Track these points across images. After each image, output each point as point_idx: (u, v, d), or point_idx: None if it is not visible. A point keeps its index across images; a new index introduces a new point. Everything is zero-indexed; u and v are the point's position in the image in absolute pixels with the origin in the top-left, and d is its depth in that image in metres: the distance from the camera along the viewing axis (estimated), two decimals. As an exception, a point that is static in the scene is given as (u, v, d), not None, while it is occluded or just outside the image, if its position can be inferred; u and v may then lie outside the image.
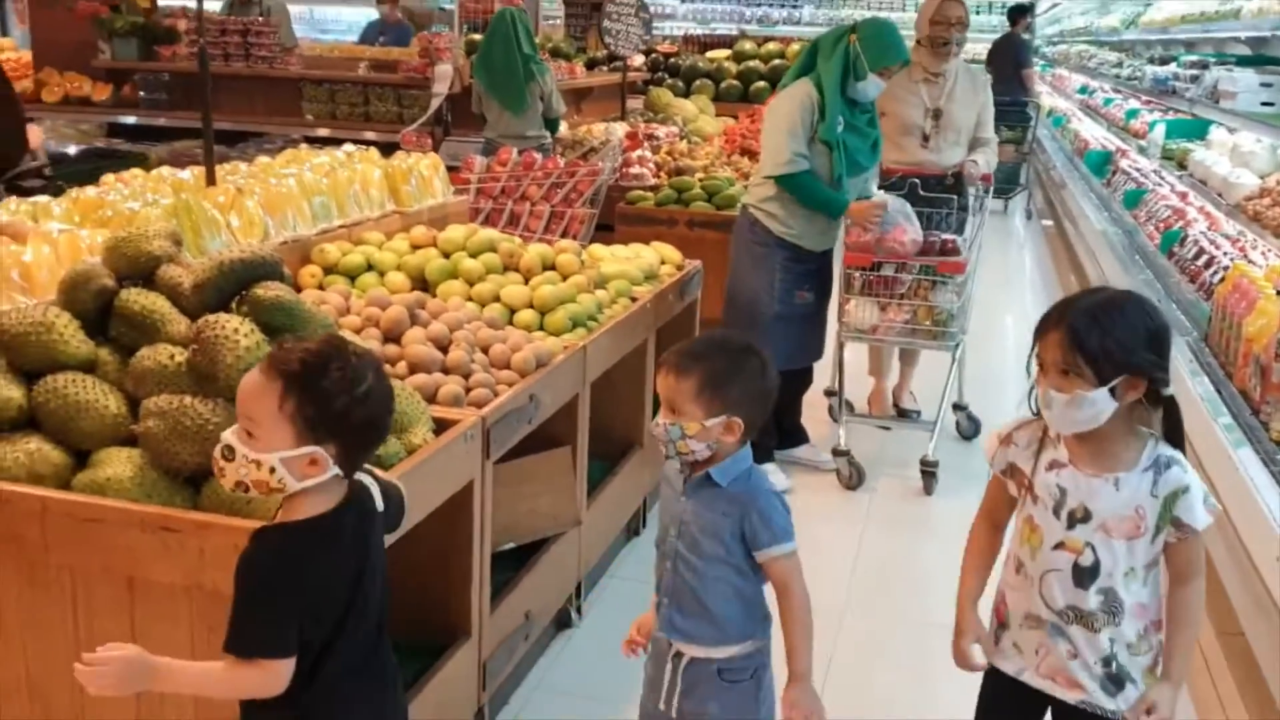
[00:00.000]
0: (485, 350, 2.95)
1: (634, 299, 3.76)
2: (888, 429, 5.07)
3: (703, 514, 2.13)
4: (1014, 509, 2.15)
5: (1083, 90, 12.72)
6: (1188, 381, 3.79)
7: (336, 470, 1.70)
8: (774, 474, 4.43)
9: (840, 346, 4.64)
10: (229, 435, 1.70)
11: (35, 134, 5.20)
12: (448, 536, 2.66)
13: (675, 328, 4.13)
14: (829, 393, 5.04)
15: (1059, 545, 2.02)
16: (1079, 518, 2.00)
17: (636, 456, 3.82)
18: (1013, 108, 11.24)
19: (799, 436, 4.72)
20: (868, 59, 4.12)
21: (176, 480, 2.12)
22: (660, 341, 3.95)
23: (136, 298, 2.32)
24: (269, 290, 2.30)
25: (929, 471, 4.47)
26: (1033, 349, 2.01)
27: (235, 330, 2.15)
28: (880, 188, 4.53)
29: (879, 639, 3.45)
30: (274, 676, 1.71)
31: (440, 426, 2.56)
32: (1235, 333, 3.69)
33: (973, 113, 4.82)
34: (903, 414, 5.15)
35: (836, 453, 4.53)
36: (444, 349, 2.89)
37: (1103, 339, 1.90)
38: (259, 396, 1.66)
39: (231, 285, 2.32)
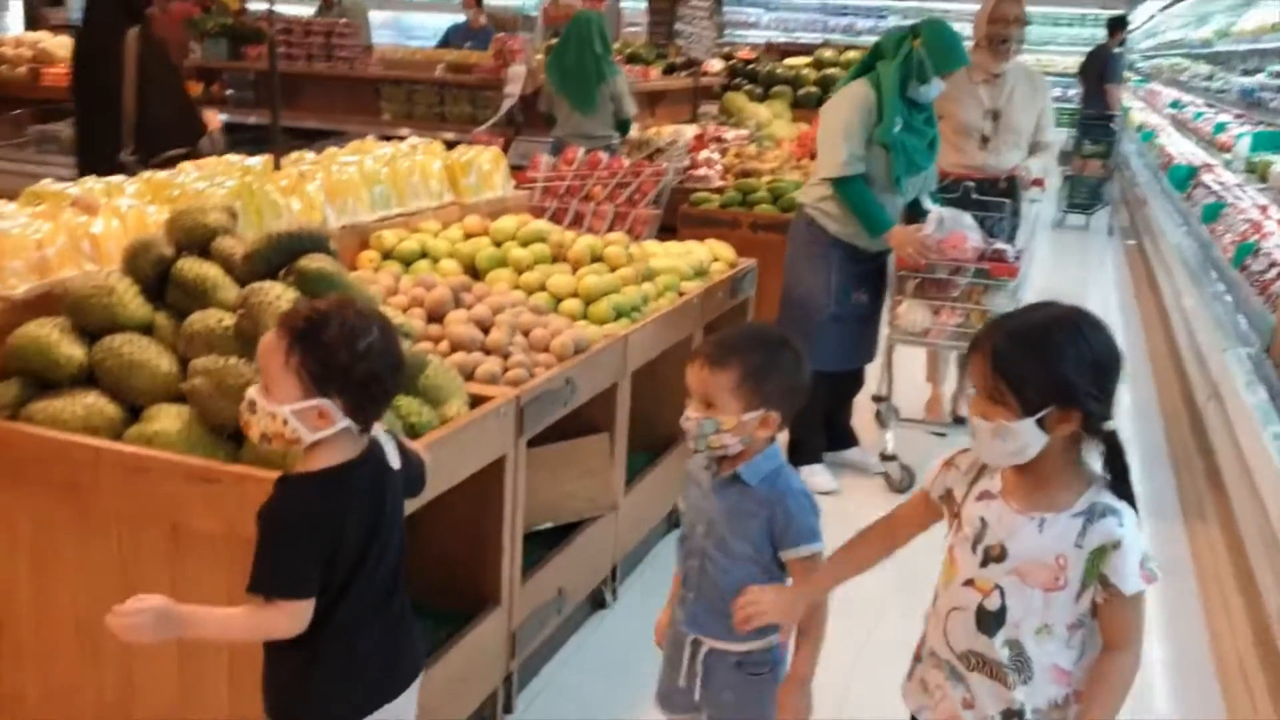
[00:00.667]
0: (526, 334, 3.05)
1: (682, 294, 3.84)
2: (943, 435, 5.07)
3: (732, 513, 2.11)
4: (919, 531, 2.00)
5: (1174, 105, 12.47)
6: (1242, 394, 3.75)
7: (347, 423, 1.80)
8: (822, 475, 4.46)
9: (889, 350, 4.63)
10: (252, 391, 1.83)
11: (212, 119, 5.51)
12: (480, 509, 2.77)
13: (725, 325, 4.19)
14: (877, 399, 5.02)
15: (969, 582, 1.84)
16: (994, 556, 1.81)
17: (680, 449, 3.89)
18: (1098, 122, 11.10)
19: (849, 439, 4.74)
20: (932, 62, 4.13)
21: (220, 436, 2.25)
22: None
23: (192, 266, 2.47)
24: (313, 262, 2.43)
25: None
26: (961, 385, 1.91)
27: (279, 297, 2.28)
28: (934, 192, 4.54)
29: (911, 640, 3.47)
30: (294, 617, 1.82)
31: (477, 403, 2.66)
32: (1292, 343, 3.65)
33: (1032, 115, 4.78)
34: (960, 421, 5.08)
35: (884, 457, 4.53)
36: (486, 331, 2.99)
37: (1024, 364, 1.72)
38: (271, 353, 1.79)
39: (280, 256, 2.45)
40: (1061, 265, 9.69)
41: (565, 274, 3.50)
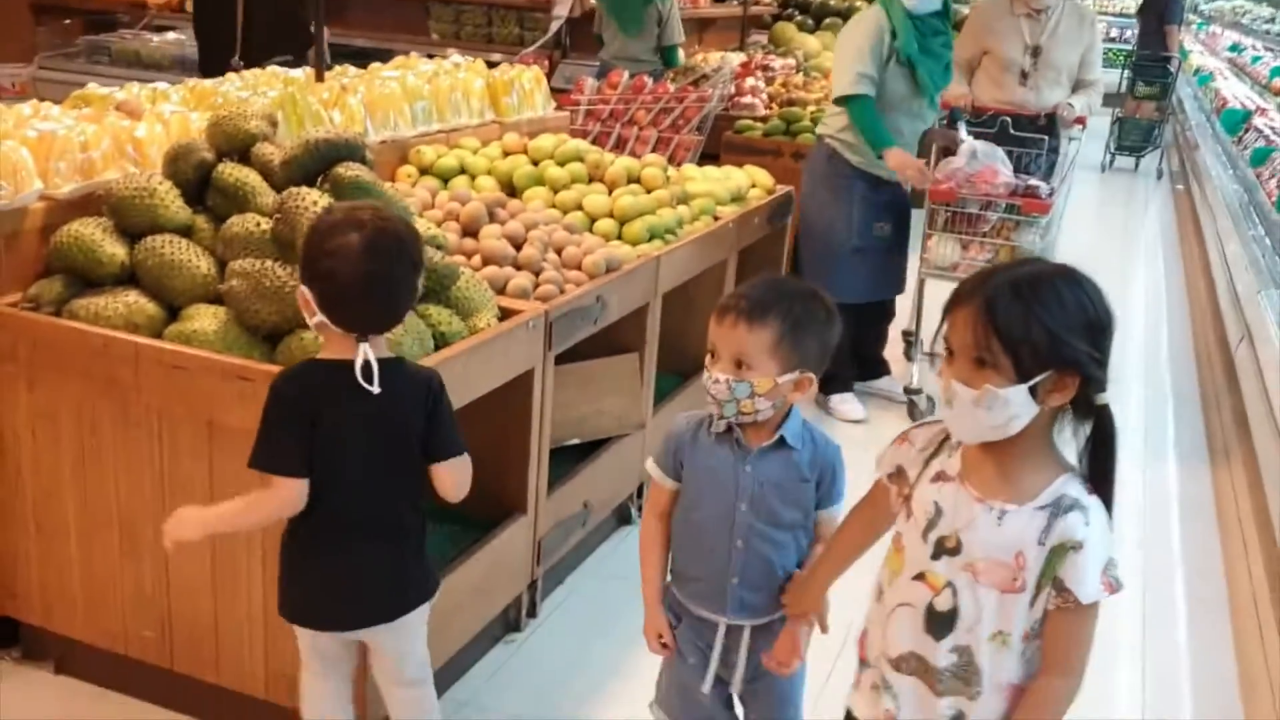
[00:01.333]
0: (558, 251, 3.08)
1: (718, 218, 3.85)
2: None
3: (783, 483, 1.91)
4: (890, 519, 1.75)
5: (1233, 48, 12.20)
6: (1274, 337, 3.72)
7: (321, 317, 1.89)
8: (852, 404, 4.49)
9: (920, 284, 4.63)
10: None
11: None
12: (508, 421, 2.82)
13: (760, 251, 4.20)
14: (906, 334, 5.02)
15: (919, 576, 1.60)
16: (948, 548, 1.57)
17: (710, 372, 3.92)
18: (1153, 64, 10.87)
19: (879, 369, 4.76)
20: None
21: (255, 336, 2.31)
22: (743, 264, 4.03)
23: (232, 171, 2.51)
24: (349, 170, 2.47)
25: None
26: (939, 329, 1.59)
27: (314, 203, 2.32)
28: (971, 125, 4.51)
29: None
30: (287, 494, 1.92)
31: (506, 317, 2.71)
32: (1326, 286, 3.62)
33: (1076, 51, 4.68)
34: None
35: (908, 390, 4.55)
36: (518, 247, 3.03)
37: (1024, 318, 1.47)
38: None
39: (316, 164, 2.49)
40: (1107, 208, 9.56)
41: (601, 194, 3.52)
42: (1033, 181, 4.33)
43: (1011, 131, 4.46)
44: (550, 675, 2.79)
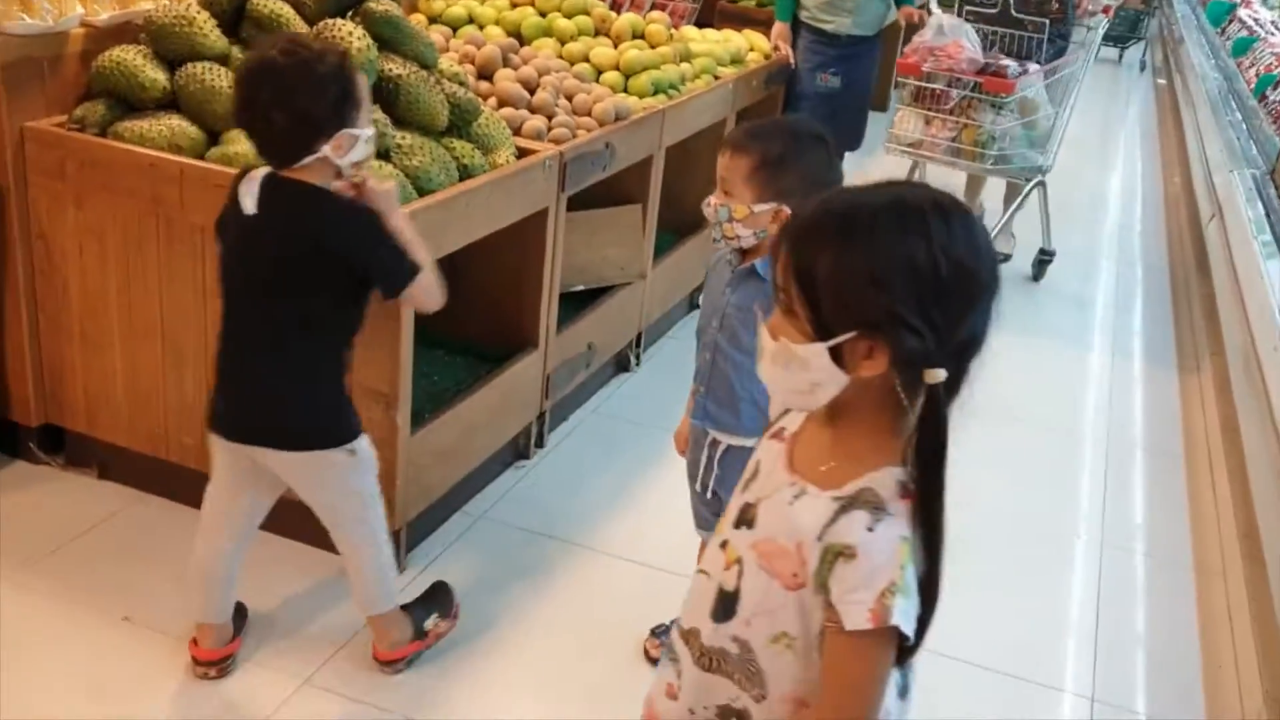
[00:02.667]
0: (569, 98, 3.21)
1: (717, 78, 3.97)
2: None
3: (745, 307, 2.04)
4: None
5: (1223, -58, 12.17)
6: (1242, 209, 3.92)
7: None
8: None
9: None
10: None
11: None
12: (523, 258, 2.99)
13: (756, 113, 4.33)
14: None
15: (723, 544, 1.32)
16: (748, 517, 1.30)
17: (705, 231, 4.09)
18: (1141, -47, 10.89)
19: None
20: None
21: (293, 160, 2.45)
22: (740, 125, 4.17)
23: (266, 2, 2.62)
24: (380, 5, 2.58)
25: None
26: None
27: (350, 34, 2.44)
28: (973, 2, 4.53)
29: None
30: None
31: (523, 156, 2.85)
32: (1296, 162, 3.81)
33: None
34: None
35: None
36: (531, 92, 3.16)
37: (826, 260, 1.15)
38: None
39: (347, -1, 2.60)
40: (1087, 97, 9.65)
41: (607, 47, 3.63)
42: (1004, 61, 4.27)
43: (1014, 13, 4.40)
44: (555, 498, 3.01)
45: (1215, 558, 2.98)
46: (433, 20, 3.66)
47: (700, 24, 5.53)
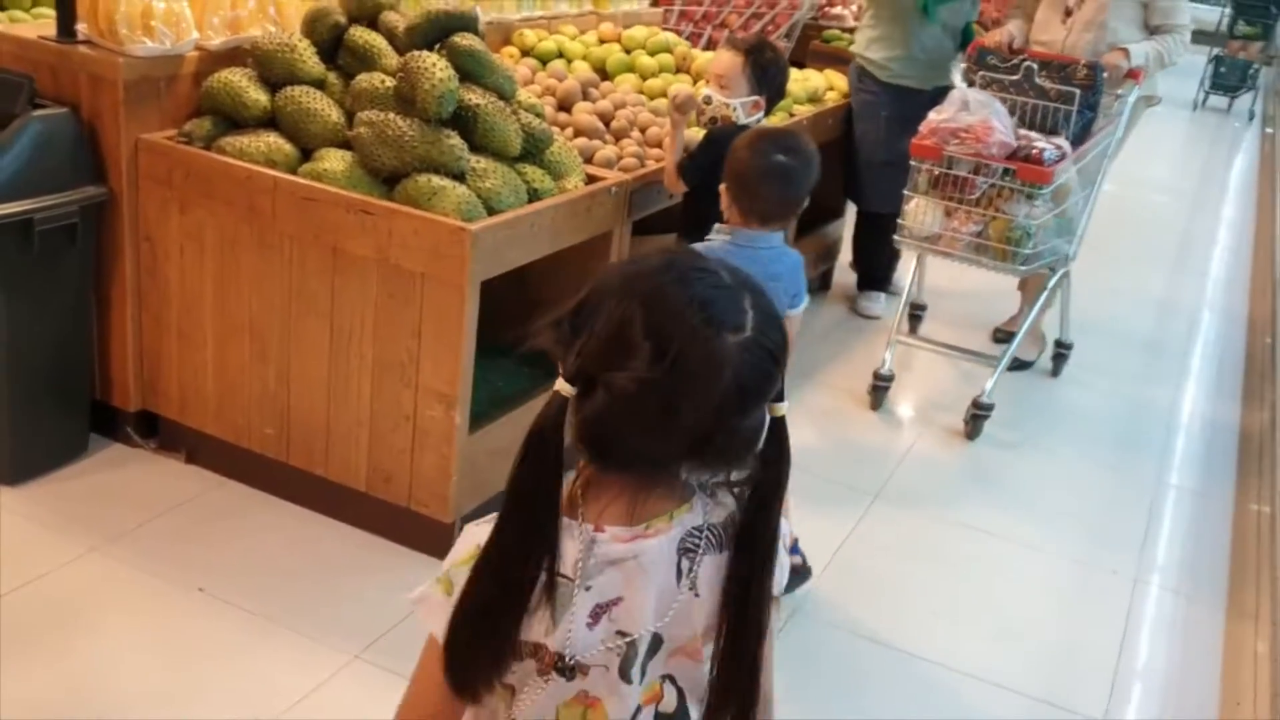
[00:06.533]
0: (643, 130, 3.39)
1: (793, 115, 4.11)
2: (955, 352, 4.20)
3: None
4: None
5: (1344, -7, 11.90)
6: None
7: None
8: (875, 301, 4.77)
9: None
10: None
11: None
12: (588, 276, 3.15)
13: (826, 152, 4.44)
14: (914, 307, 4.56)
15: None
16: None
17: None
18: (1255, 3, 10.72)
19: (881, 283, 4.83)
20: None
21: (376, 178, 2.67)
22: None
23: (361, 34, 2.85)
24: (464, 40, 2.79)
25: (979, 416, 3.79)
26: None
27: (433, 65, 2.65)
28: (991, 68, 3.91)
29: (901, 535, 3.82)
30: None
31: (593, 183, 3.03)
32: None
33: None
34: (1001, 339, 4.50)
35: (877, 377, 3.93)
36: (607, 124, 3.34)
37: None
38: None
39: (436, 32, 2.81)
40: (1192, 145, 9.56)
41: (687, 83, 3.81)
42: (1039, 143, 3.59)
43: (1037, 80, 3.77)
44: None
45: (1251, 600, 3.01)
46: (525, 53, 3.88)
47: (794, 62, 5.70)
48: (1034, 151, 3.56)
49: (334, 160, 2.68)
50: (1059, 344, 4.41)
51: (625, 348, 1.10)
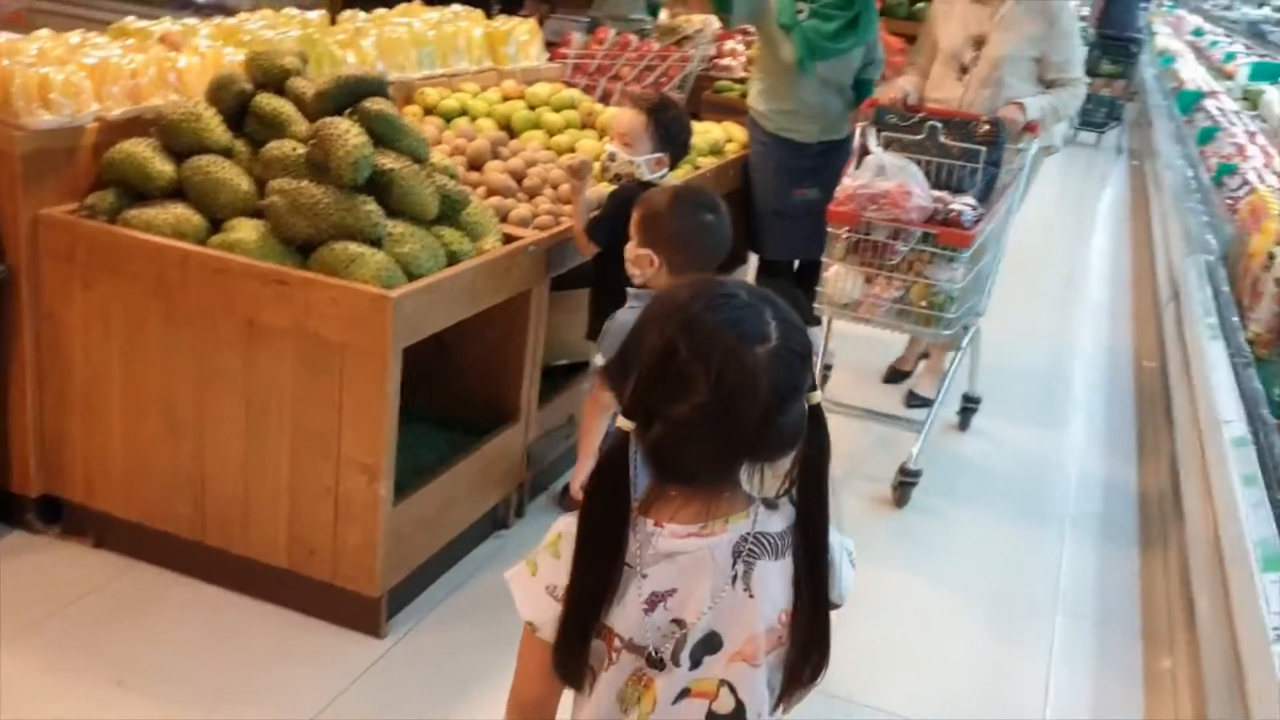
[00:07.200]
0: (555, 187, 3.39)
1: (698, 168, 4.16)
2: (879, 415, 4.09)
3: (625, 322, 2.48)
4: None
5: (1196, 33, 12.59)
6: (1195, 292, 4.11)
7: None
8: None
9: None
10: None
11: None
12: (507, 336, 3.14)
13: (731, 201, 4.52)
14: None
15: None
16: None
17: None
18: (1119, 43, 11.25)
19: (808, 322, 4.83)
20: None
21: (290, 247, 2.62)
22: (718, 211, 4.35)
23: (269, 100, 2.81)
24: (376, 104, 2.76)
25: (906, 483, 3.69)
26: None
27: (347, 131, 2.62)
28: (892, 127, 3.84)
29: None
30: None
31: (509, 242, 3.02)
32: (1243, 250, 3.99)
33: (1030, 46, 3.93)
34: (894, 378, 4.63)
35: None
36: (519, 181, 3.34)
37: None
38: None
39: (345, 97, 2.78)
40: (1065, 180, 9.96)
41: (593, 139, 3.83)
42: (955, 205, 3.53)
43: (941, 139, 3.72)
44: (535, 567, 3.12)
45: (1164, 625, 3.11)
46: (428, 111, 3.86)
47: (689, 114, 5.78)
48: (952, 214, 3.51)
49: (246, 230, 2.63)
50: (967, 398, 4.35)
51: (673, 377, 1.26)
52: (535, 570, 1.38)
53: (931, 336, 3.75)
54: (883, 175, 3.51)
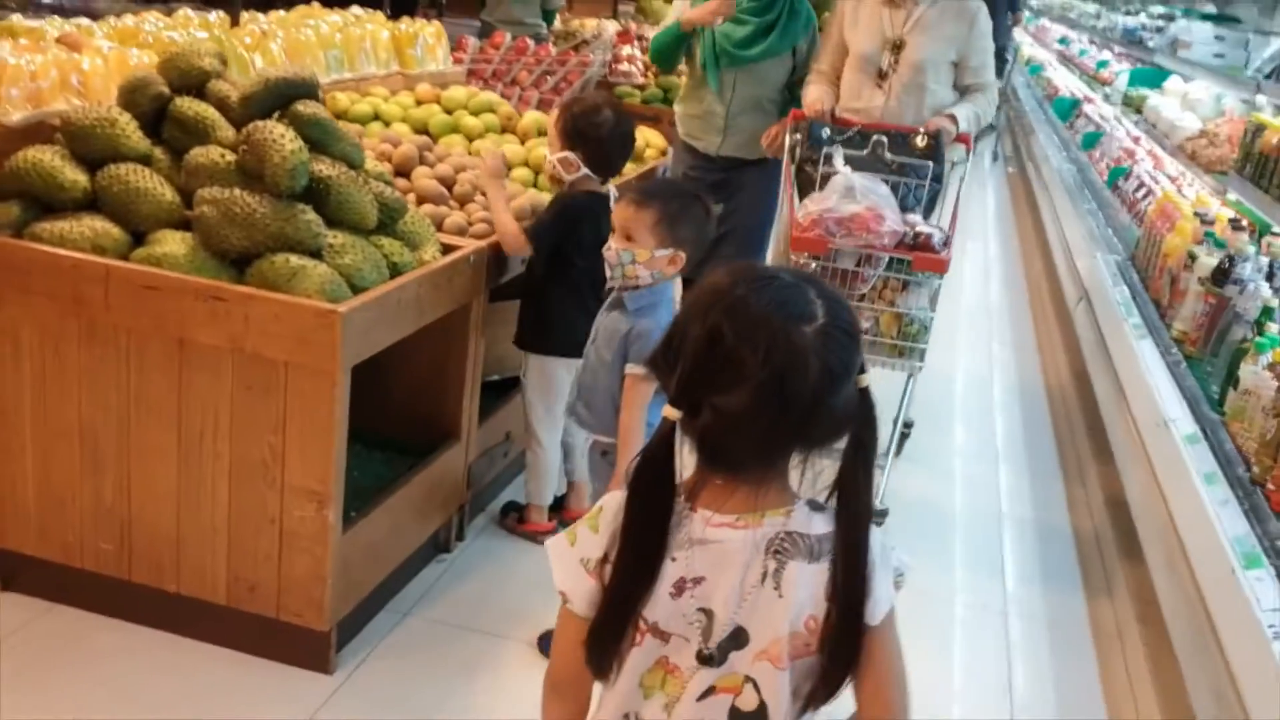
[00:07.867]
0: (484, 193, 3.27)
1: (621, 175, 4.08)
2: None
3: (608, 327, 2.55)
4: None
5: (1062, 41, 13.05)
6: (1109, 292, 4.20)
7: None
8: None
9: None
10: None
11: None
12: (447, 351, 3.01)
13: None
14: None
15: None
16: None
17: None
18: (989, 51, 11.58)
19: None
20: None
21: (224, 260, 2.44)
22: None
23: (190, 105, 2.62)
24: (308, 107, 2.60)
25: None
26: None
27: (282, 136, 2.46)
28: (832, 142, 3.59)
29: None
30: None
31: (446, 252, 2.89)
32: (1156, 250, 4.10)
33: (947, 48, 3.75)
34: None
35: None
36: (449, 188, 3.20)
37: None
38: None
39: (274, 100, 2.62)
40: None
41: (515, 144, 3.71)
42: (922, 228, 3.30)
43: (887, 155, 3.49)
44: (479, 590, 3.00)
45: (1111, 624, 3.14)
46: (338, 116, 3.69)
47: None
48: (921, 237, 3.27)
49: (173, 243, 2.44)
50: (904, 423, 4.04)
51: (721, 362, 1.23)
52: (574, 541, 1.37)
53: (904, 368, 3.53)
54: (850, 197, 3.24)
